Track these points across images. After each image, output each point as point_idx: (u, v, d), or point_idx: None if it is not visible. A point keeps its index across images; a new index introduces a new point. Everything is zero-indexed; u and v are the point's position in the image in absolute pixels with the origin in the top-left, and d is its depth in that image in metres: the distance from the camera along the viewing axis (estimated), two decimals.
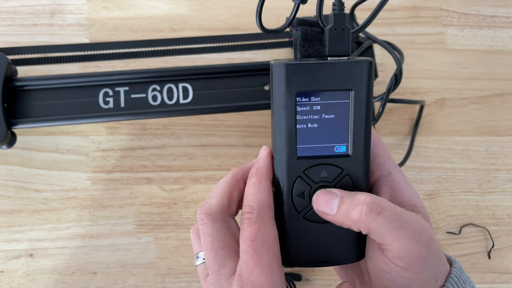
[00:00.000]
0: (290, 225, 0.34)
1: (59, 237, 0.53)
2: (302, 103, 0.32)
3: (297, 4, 0.36)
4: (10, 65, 0.50)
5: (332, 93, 0.32)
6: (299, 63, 0.32)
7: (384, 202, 0.31)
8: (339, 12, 0.33)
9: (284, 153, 0.33)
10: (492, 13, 0.63)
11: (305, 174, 0.33)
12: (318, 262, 0.35)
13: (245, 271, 0.31)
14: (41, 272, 0.53)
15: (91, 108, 0.50)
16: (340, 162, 0.33)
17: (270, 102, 0.34)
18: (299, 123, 0.33)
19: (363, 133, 0.33)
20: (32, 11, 0.58)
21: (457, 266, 0.33)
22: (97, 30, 0.58)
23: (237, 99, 0.51)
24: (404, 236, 0.31)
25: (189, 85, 0.51)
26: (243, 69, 0.52)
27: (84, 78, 0.50)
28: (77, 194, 0.54)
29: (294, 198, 0.34)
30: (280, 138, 0.33)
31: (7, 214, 0.53)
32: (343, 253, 0.35)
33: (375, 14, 0.35)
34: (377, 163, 0.35)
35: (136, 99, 0.50)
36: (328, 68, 0.32)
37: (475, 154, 0.59)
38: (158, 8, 0.59)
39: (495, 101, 0.61)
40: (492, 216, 0.58)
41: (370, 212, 0.30)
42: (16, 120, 0.49)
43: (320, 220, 0.34)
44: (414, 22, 0.62)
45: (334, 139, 0.33)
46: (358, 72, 0.32)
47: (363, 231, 0.31)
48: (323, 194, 0.33)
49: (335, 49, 0.33)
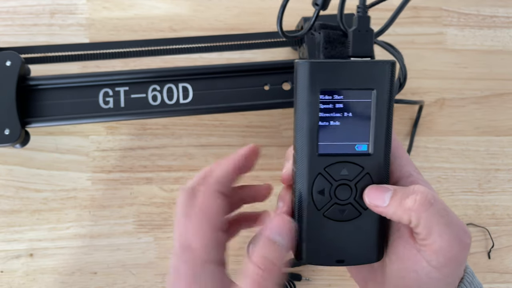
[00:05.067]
0: (309, 222, 0.34)
1: (59, 237, 0.53)
2: (325, 101, 0.33)
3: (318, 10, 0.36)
4: (23, 64, 0.50)
5: (354, 92, 0.33)
6: (323, 62, 0.33)
7: (436, 195, 0.32)
8: (363, 15, 0.34)
9: (306, 150, 0.33)
10: (492, 13, 0.63)
11: (326, 171, 0.34)
12: (335, 261, 0.35)
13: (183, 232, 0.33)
14: (41, 272, 0.53)
15: (92, 108, 0.50)
16: (361, 161, 0.34)
17: (294, 100, 0.34)
18: (321, 121, 0.33)
19: (384, 132, 0.33)
20: (32, 11, 0.58)
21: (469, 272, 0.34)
22: (97, 30, 0.58)
23: (237, 99, 0.51)
24: (449, 234, 0.31)
25: (189, 85, 0.51)
26: (243, 69, 0.52)
27: (84, 78, 0.50)
28: (77, 194, 0.54)
29: (314, 195, 0.34)
30: (302, 134, 0.33)
31: (7, 214, 0.53)
32: (362, 252, 0.35)
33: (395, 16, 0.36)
34: (397, 164, 0.35)
35: (136, 99, 0.50)
36: (351, 67, 0.33)
37: (475, 154, 0.59)
38: (158, 8, 0.59)
39: (495, 101, 0.61)
40: (492, 216, 0.58)
41: (424, 201, 0.31)
42: (30, 119, 0.49)
43: (340, 218, 0.34)
44: (414, 22, 0.62)
45: (356, 137, 0.34)
46: (381, 72, 0.33)
47: (413, 222, 0.31)
48: (375, 188, 0.33)
49: (359, 50, 0.34)
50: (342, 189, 0.34)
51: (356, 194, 0.34)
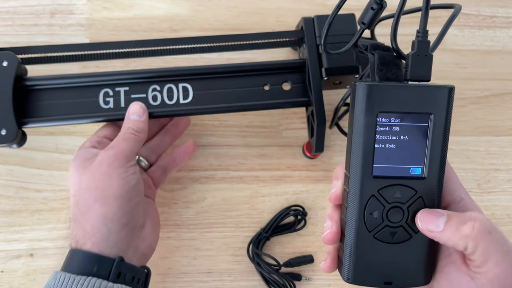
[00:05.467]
0: (359, 243, 0.35)
1: (59, 237, 0.53)
2: (382, 124, 0.33)
3: (363, 29, 0.37)
4: (20, 65, 0.50)
5: (412, 116, 0.33)
6: (382, 85, 0.33)
7: (493, 223, 0.32)
8: (422, 39, 0.35)
9: (360, 171, 0.34)
10: (492, 13, 0.63)
11: (379, 193, 0.34)
12: (382, 283, 0.35)
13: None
14: (41, 272, 0.53)
15: (92, 108, 0.50)
16: (415, 184, 0.34)
17: (349, 120, 0.35)
18: (377, 143, 0.34)
19: (439, 157, 0.34)
20: (32, 11, 0.58)
21: None
22: (97, 30, 0.58)
23: (237, 99, 0.51)
24: (506, 263, 0.31)
25: (189, 85, 0.51)
26: (243, 69, 0.52)
27: (84, 78, 0.50)
28: None
29: (366, 216, 0.34)
30: (357, 156, 0.34)
31: (7, 214, 0.53)
32: (410, 275, 0.35)
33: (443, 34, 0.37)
34: (448, 188, 0.36)
35: (136, 99, 0.50)
36: (410, 91, 0.33)
37: (474, 154, 0.59)
38: (158, 8, 0.59)
39: (495, 101, 0.61)
40: (492, 216, 0.58)
41: (483, 229, 0.31)
42: (26, 120, 0.49)
43: (390, 241, 0.34)
44: (414, 22, 0.62)
45: (411, 160, 0.34)
46: (439, 97, 0.33)
47: (469, 249, 0.32)
48: (429, 212, 0.34)
49: (417, 74, 0.34)
50: (395, 211, 0.34)
51: (408, 217, 0.34)
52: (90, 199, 0.44)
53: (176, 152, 0.54)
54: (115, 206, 0.44)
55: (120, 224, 0.44)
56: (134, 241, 0.45)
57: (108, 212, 0.43)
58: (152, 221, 0.49)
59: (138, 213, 0.46)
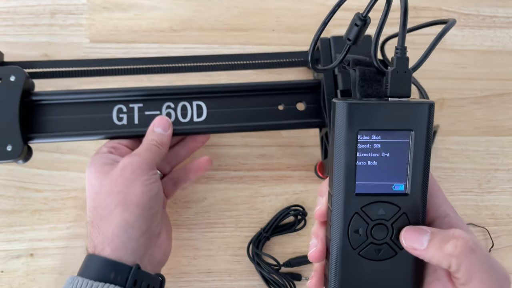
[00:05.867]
0: (344, 261, 0.35)
1: (60, 237, 0.53)
2: (363, 141, 0.33)
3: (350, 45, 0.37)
4: (28, 79, 0.49)
5: (393, 133, 0.33)
6: (362, 103, 0.33)
7: (476, 240, 0.32)
8: (401, 56, 0.34)
9: (343, 189, 0.34)
10: (492, 14, 0.63)
11: (363, 211, 0.34)
12: None
13: None
14: (42, 272, 0.53)
15: (105, 124, 0.49)
16: (398, 201, 0.34)
17: (330, 138, 0.35)
18: (359, 160, 0.34)
19: (422, 173, 0.34)
20: (32, 11, 0.58)
21: None
22: (97, 30, 0.58)
23: (251, 118, 0.50)
24: (491, 281, 0.31)
25: (203, 103, 0.50)
26: (258, 88, 0.51)
27: (98, 94, 0.50)
28: (78, 194, 0.54)
29: (350, 234, 0.34)
30: (339, 173, 0.34)
31: (7, 214, 0.53)
32: None
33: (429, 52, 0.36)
34: (433, 203, 0.36)
35: (150, 116, 0.49)
36: (390, 108, 0.33)
37: (474, 154, 0.59)
38: (158, 8, 0.59)
39: (495, 101, 0.61)
40: (492, 216, 0.58)
41: (466, 248, 0.31)
42: (32, 135, 0.48)
43: (375, 258, 0.34)
44: (414, 22, 0.62)
45: (393, 177, 0.34)
46: (419, 113, 0.33)
47: (453, 267, 0.32)
48: (413, 229, 0.34)
49: (397, 91, 0.34)
50: (379, 228, 0.34)
51: (392, 234, 0.34)
52: (111, 204, 0.44)
53: (190, 166, 0.53)
54: (136, 213, 0.43)
55: (140, 231, 0.43)
56: (151, 249, 0.46)
57: (129, 218, 0.43)
58: (167, 230, 0.49)
59: (156, 221, 0.46)
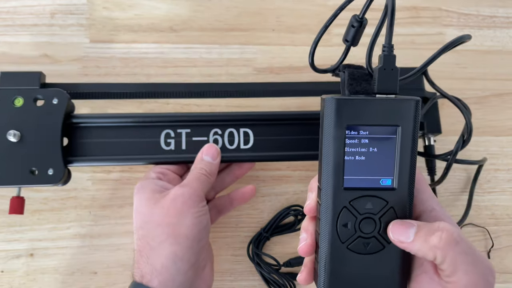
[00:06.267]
0: (333, 255, 0.35)
1: (60, 237, 0.53)
2: (351, 136, 0.34)
3: (348, 46, 0.38)
4: (69, 101, 0.48)
5: (380, 128, 0.34)
6: (349, 98, 0.34)
7: (460, 232, 0.32)
8: (388, 53, 0.35)
9: (331, 184, 0.34)
10: (492, 13, 0.63)
11: (351, 205, 0.35)
12: None
13: None
14: (42, 272, 0.53)
15: (152, 149, 0.49)
16: (386, 195, 0.35)
17: (319, 134, 0.35)
18: (347, 155, 0.34)
19: (409, 167, 0.34)
20: (33, 11, 0.58)
21: None
22: (97, 30, 0.58)
23: (298, 147, 0.50)
24: (475, 273, 0.32)
25: (250, 130, 0.50)
26: (306, 117, 0.51)
27: (145, 118, 0.49)
28: (78, 194, 0.54)
29: (338, 228, 0.35)
30: (328, 168, 0.34)
31: (7, 214, 0.53)
32: (384, 285, 0.36)
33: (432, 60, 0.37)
34: (420, 198, 0.36)
35: (197, 142, 0.49)
36: (377, 104, 0.34)
37: (474, 154, 0.59)
38: (158, 8, 0.59)
39: (495, 101, 0.61)
40: (492, 216, 0.58)
41: (450, 240, 0.32)
42: (73, 158, 0.48)
43: (364, 252, 0.35)
44: (414, 22, 0.62)
45: (380, 172, 0.35)
46: (406, 109, 0.34)
47: (438, 259, 0.32)
48: (400, 223, 0.34)
49: (384, 87, 0.35)
50: (367, 222, 0.35)
51: (380, 228, 0.35)
52: (162, 235, 0.43)
53: (234, 194, 0.52)
54: (186, 246, 0.43)
55: (188, 264, 0.43)
56: (196, 282, 0.45)
57: (179, 251, 0.43)
58: (211, 262, 0.48)
59: (203, 254, 0.46)
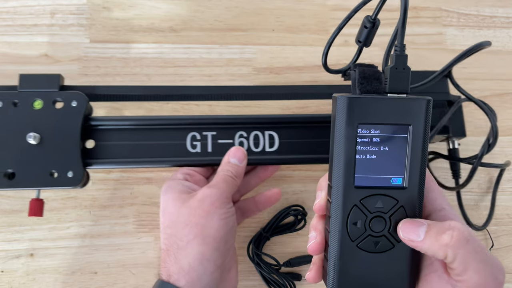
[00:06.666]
0: (343, 253, 0.35)
1: (60, 236, 0.53)
2: (362, 135, 0.34)
3: (361, 47, 0.38)
4: (88, 103, 0.48)
5: (391, 127, 0.34)
6: (361, 97, 0.34)
7: (472, 232, 0.33)
8: (400, 53, 0.35)
9: (342, 182, 0.34)
10: (492, 14, 0.63)
11: (362, 203, 0.35)
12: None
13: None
14: (42, 272, 0.53)
15: (179, 152, 0.49)
16: (396, 194, 0.35)
17: (331, 132, 0.35)
18: (358, 154, 0.34)
19: (419, 167, 0.35)
20: (33, 11, 0.58)
21: None
22: (97, 30, 0.58)
23: (324, 150, 0.50)
24: (486, 271, 0.32)
25: (276, 133, 0.50)
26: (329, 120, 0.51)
27: (171, 120, 0.50)
28: (78, 194, 0.54)
29: (349, 226, 0.35)
30: (339, 167, 0.34)
31: (7, 214, 0.53)
32: (393, 284, 0.36)
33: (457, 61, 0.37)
34: (430, 198, 0.36)
35: (223, 145, 0.49)
36: (389, 103, 0.34)
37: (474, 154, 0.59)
38: (158, 8, 0.59)
39: (495, 101, 0.61)
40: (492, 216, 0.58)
41: (462, 238, 0.32)
42: (92, 160, 0.48)
43: (373, 250, 0.35)
44: (414, 22, 0.62)
45: (391, 171, 0.35)
46: (417, 108, 0.34)
47: (449, 257, 0.32)
48: (410, 222, 0.34)
49: (396, 86, 0.35)
50: (377, 221, 0.35)
51: (390, 227, 0.35)
52: (189, 235, 0.43)
53: (259, 197, 0.52)
54: (213, 247, 0.43)
55: (215, 265, 0.43)
56: (221, 283, 0.45)
57: (206, 252, 0.43)
58: (236, 264, 0.48)
59: (229, 256, 0.46)
